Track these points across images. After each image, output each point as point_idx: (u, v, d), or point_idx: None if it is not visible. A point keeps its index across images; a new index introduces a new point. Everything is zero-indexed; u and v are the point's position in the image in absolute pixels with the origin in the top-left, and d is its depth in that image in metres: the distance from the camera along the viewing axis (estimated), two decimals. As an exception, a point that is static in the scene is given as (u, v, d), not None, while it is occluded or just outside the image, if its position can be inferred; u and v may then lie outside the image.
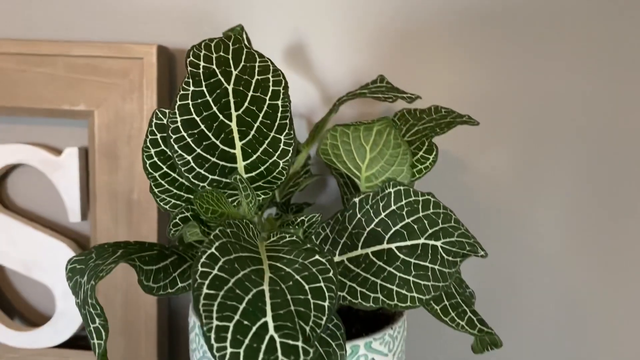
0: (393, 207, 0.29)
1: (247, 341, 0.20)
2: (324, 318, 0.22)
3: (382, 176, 0.30)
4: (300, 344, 0.20)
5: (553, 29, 0.40)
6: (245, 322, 0.20)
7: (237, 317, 0.20)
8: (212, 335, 0.20)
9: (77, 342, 0.46)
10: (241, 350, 0.20)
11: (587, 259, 0.43)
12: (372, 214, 0.29)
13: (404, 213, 0.29)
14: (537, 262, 0.43)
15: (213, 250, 0.22)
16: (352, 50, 0.42)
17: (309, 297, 0.22)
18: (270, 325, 0.21)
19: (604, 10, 0.40)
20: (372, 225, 0.29)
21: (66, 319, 0.45)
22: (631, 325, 0.43)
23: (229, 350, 0.20)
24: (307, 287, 0.23)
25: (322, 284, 0.23)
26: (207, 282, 0.21)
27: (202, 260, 0.21)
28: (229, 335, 0.20)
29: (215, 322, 0.20)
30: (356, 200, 0.30)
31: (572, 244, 0.43)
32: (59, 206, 0.46)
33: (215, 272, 0.21)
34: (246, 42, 0.34)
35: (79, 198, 0.44)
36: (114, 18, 0.43)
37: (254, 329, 0.20)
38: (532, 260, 0.43)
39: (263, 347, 0.20)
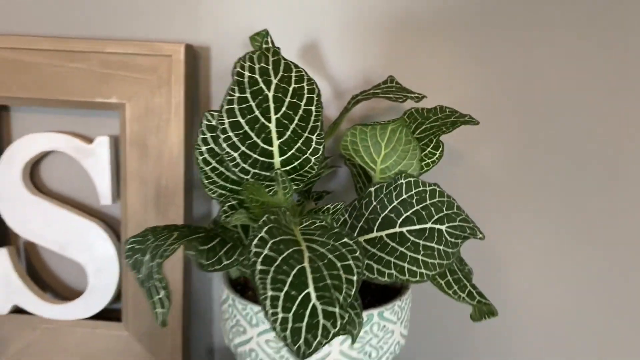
0: (404, 196, 0.34)
1: (294, 308, 0.25)
2: (353, 290, 0.27)
3: (395, 169, 0.35)
4: (337, 310, 0.25)
5: (549, 30, 0.45)
6: (293, 293, 0.25)
7: (285, 288, 0.25)
8: (267, 303, 0.24)
9: (106, 314, 0.50)
10: (290, 315, 0.25)
11: (577, 251, 0.48)
12: (385, 202, 0.34)
13: (414, 201, 0.34)
14: (528, 252, 0.48)
15: (263, 234, 0.26)
16: (362, 50, 0.46)
17: (341, 272, 0.27)
18: (313, 295, 0.25)
19: (603, 11, 0.44)
20: (386, 212, 0.34)
21: (97, 293, 0.50)
22: (628, 326, 0.49)
23: (280, 315, 0.24)
24: (339, 264, 0.27)
25: (351, 262, 0.27)
26: (260, 260, 0.25)
27: (255, 242, 0.26)
28: (280, 303, 0.25)
29: (269, 292, 0.24)
30: (372, 189, 0.34)
31: (563, 239, 0.48)
32: (90, 190, 0.50)
33: (265, 252, 0.26)
34: (271, 44, 0.38)
35: (110, 183, 0.48)
36: (145, 18, 0.46)
37: (300, 298, 0.25)
38: (523, 250, 0.48)
39: (307, 312, 0.25)
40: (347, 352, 0.34)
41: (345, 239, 0.28)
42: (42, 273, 0.52)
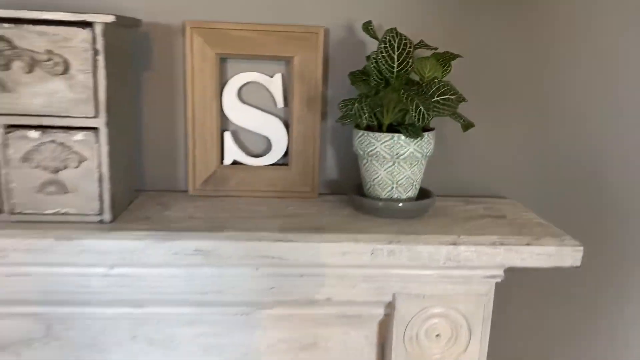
0: (437, 86, 0.86)
1: (416, 112, 0.77)
2: (431, 110, 0.80)
3: (432, 76, 0.87)
4: (431, 113, 0.78)
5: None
6: (416, 107, 0.77)
7: (413, 106, 0.77)
8: (409, 110, 0.77)
9: (277, 163, 1.00)
10: (416, 113, 0.77)
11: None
12: (430, 88, 0.87)
13: (441, 87, 0.86)
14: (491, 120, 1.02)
15: (403, 89, 0.78)
16: (403, 25, 0.98)
17: (429, 104, 0.80)
18: (422, 107, 0.78)
19: None
20: (430, 92, 0.86)
21: (276, 152, 0.99)
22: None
23: (413, 113, 0.77)
24: (426, 101, 0.80)
25: (429, 101, 0.80)
26: (404, 96, 0.78)
27: (403, 92, 0.78)
28: (414, 109, 0.77)
29: (408, 105, 0.77)
30: (424, 84, 0.87)
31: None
32: (269, 101, 0.99)
33: (406, 94, 0.78)
34: (372, 26, 0.90)
35: (282, 96, 0.98)
36: (303, 11, 0.96)
37: (417, 109, 0.78)
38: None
39: (421, 112, 0.78)
40: (416, 148, 0.87)
41: (424, 95, 0.81)
42: (242, 145, 1.02)
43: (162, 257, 0.78)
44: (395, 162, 0.87)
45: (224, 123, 0.99)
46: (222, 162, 1.00)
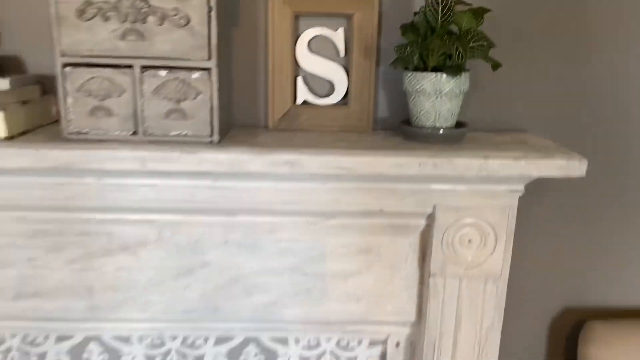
0: (472, 34, 1.07)
1: (456, 54, 0.99)
2: (467, 52, 1.01)
3: (468, 26, 1.08)
4: (467, 51, 0.99)
5: None
6: (455, 50, 0.99)
7: (454, 48, 0.99)
8: (452, 53, 0.99)
9: (339, 103, 1.23)
10: (457, 53, 0.99)
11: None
12: (468, 34, 1.08)
13: (476, 34, 1.07)
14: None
15: (446, 37, 1.00)
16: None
17: (465, 47, 1.01)
18: (461, 50, 0.99)
19: (527, -25, 1.19)
20: (467, 38, 1.08)
21: (338, 93, 1.22)
22: (536, 88, 1.25)
23: (455, 54, 0.99)
24: (464, 45, 1.01)
25: (468, 45, 1.02)
26: (453, 45, 0.99)
27: (445, 39, 1.00)
28: (454, 51, 0.99)
29: (451, 49, 0.99)
30: (461, 34, 1.08)
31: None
32: (332, 50, 1.21)
33: (448, 41, 1.00)
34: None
35: (344, 46, 1.20)
36: (362, -21, 1.18)
37: (457, 51, 0.99)
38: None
39: (460, 52, 0.99)
40: (455, 85, 1.08)
41: (464, 41, 1.03)
42: (308, 87, 1.24)
43: (260, 166, 1.02)
44: (438, 97, 1.09)
45: (296, 70, 1.22)
46: (294, 102, 1.23)
